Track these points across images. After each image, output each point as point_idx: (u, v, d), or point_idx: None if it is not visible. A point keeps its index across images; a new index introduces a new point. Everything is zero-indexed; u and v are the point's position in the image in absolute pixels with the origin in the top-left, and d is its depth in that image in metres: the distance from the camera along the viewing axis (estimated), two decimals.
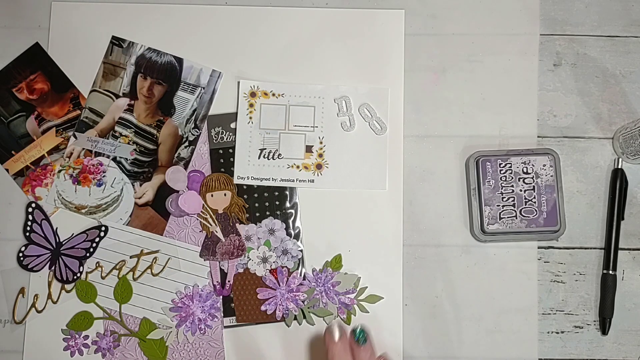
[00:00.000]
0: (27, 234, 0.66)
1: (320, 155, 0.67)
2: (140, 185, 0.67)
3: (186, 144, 0.67)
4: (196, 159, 0.67)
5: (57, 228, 0.66)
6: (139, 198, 0.67)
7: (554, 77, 0.68)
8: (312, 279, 0.65)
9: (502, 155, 0.64)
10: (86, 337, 0.65)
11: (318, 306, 0.65)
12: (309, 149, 0.67)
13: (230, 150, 0.67)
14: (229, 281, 0.65)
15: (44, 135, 0.67)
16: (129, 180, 0.67)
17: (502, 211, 0.64)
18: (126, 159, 0.67)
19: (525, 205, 0.64)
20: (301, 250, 0.66)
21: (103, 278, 0.66)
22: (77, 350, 0.65)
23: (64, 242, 0.66)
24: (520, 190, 0.64)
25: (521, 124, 0.67)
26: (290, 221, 0.66)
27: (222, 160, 0.67)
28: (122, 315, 0.66)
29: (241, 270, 0.66)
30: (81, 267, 0.66)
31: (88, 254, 0.66)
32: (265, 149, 0.67)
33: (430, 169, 0.67)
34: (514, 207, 0.64)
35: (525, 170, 0.64)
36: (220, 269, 0.66)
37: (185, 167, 0.67)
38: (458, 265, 0.66)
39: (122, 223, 0.66)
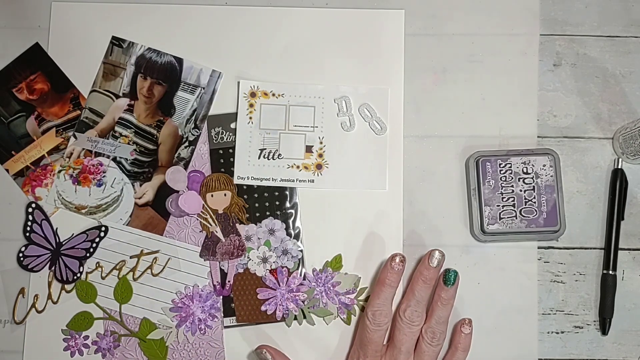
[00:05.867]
0: (27, 234, 0.66)
1: (320, 155, 0.67)
2: (140, 185, 0.67)
3: (186, 144, 0.67)
4: (196, 159, 0.67)
5: (57, 228, 0.66)
6: (139, 198, 0.67)
7: (554, 77, 0.68)
8: (312, 279, 0.65)
9: (502, 156, 0.64)
10: (86, 337, 0.65)
11: (318, 306, 0.65)
12: (309, 149, 0.67)
13: (230, 150, 0.67)
14: (229, 281, 0.65)
15: (44, 136, 0.67)
16: (129, 181, 0.67)
17: (502, 211, 0.64)
18: (126, 159, 0.67)
19: (525, 205, 0.64)
20: (301, 250, 0.66)
21: (103, 278, 0.66)
22: (77, 351, 0.65)
23: (64, 242, 0.66)
24: (520, 191, 0.64)
25: (521, 124, 0.67)
26: (290, 221, 0.66)
27: (222, 160, 0.67)
28: (122, 315, 0.66)
29: (241, 271, 0.66)
30: (81, 267, 0.66)
31: (88, 254, 0.66)
32: (265, 149, 0.67)
33: (430, 169, 0.67)
34: (514, 207, 0.64)
35: (525, 170, 0.64)
36: (220, 269, 0.66)
37: (185, 167, 0.67)
38: (458, 265, 0.66)
39: (122, 223, 0.66)
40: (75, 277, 0.66)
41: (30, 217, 0.66)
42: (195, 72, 0.68)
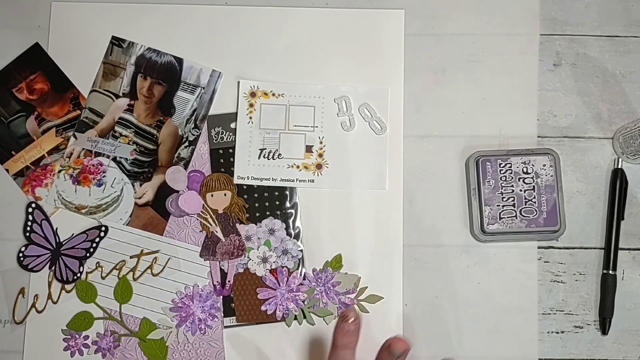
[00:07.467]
0: (27, 234, 0.66)
1: (320, 155, 0.67)
2: (140, 185, 0.67)
3: (186, 144, 0.67)
4: (196, 159, 0.67)
5: (57, 228, 0.66)
6: (139, 198, 0.67)
7: (554, 77, 0.68)
8: (312, 279, 0.65)
9: (502, 155, 0.64)
10: (86, 337, 0.65)
11: (318, 306, 0.65)
12: (309, 149, 0.67)
13: (230, 150, 0.67)
14: (229, 281, 0.65)
15: (44, 136, 0.67)
16: (129, 180, 0.67)
17: (502, 211, 0.64)
18: (126, 159, 0.67)
19: (525, 205, 0.64)
20: (301, 250, 0.66)
21: (103, 278, 0.66)
22: (77, 351, 0.65)
23: (64, 242, 0.66)
24: (520, 190, 0.64)
25: (521, 124, 0.67)
26: (290, 221, 0.66)
27: (222, 160, 0.67)
28: (122, 315, 0.66)
29: (241, 270, 0.66)
30: (81, 267, 0.66)
31: (88, 254, 0.66)
32: (265, 149, 0.67)
33: (430, 169, 0.67)
34: (514, 207, 0.64)
35: (525, 170, 0.64)
36: (221, 269, 0.66)
37: (185, 167, 0.67)
38: (458, 265, 0.66)
39: (122, 223, 0.66)
40: (75, 277, 0.66)
41: (30, 217, 0.66)
42: (195, 72, 0.68)
